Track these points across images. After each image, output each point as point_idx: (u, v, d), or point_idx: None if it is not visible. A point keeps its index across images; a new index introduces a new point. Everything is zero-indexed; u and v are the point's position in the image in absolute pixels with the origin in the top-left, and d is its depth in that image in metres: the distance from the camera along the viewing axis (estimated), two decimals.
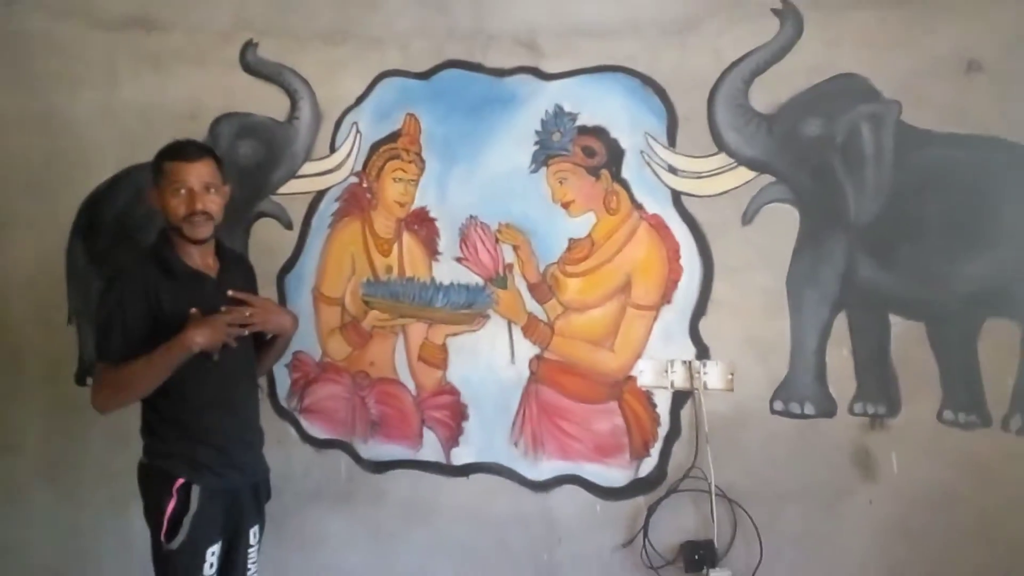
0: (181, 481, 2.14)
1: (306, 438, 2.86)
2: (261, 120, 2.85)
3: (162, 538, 2.12)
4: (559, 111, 2.67)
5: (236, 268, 2.34)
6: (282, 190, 2.84)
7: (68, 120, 2.99)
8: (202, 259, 2.23)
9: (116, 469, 2.93)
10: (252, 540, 2.32)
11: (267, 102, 2.84)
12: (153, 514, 2.16)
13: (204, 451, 2.18)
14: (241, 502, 2.27)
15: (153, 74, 2.92)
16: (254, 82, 2.85)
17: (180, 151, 2.18)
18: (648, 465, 2.66)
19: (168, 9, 2.90)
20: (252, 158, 2.85)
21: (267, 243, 2.85)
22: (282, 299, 2.84)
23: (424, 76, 2.77)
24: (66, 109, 2.99)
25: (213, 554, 2.18)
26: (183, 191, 2.12)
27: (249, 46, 2.84)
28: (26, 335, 3.06)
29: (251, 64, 2.84)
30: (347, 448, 2.86)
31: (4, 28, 3.01)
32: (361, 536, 2.82)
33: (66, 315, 3.02)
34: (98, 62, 2.95)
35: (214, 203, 2.15)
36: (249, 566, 2.32)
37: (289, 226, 2.85)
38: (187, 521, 2.13)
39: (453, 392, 2.78)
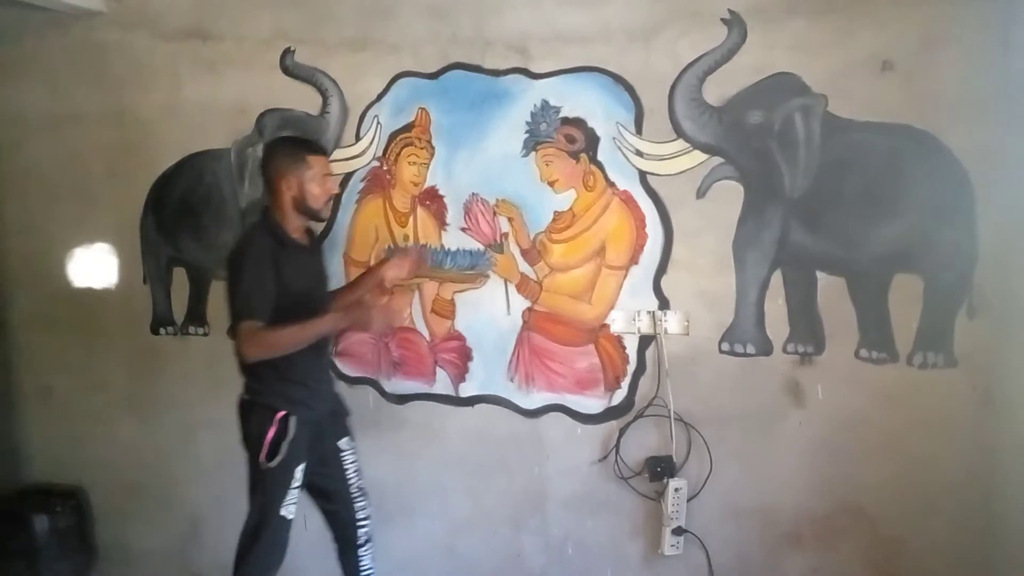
0: (282, 413, 2.30)
1: (340, 376, 2.98)
2: (298, 114, 2.92)
3: (261, 459, 2.28)
4: (545, 105, 2.73)
5: (315, 240, 2.59)
6: None
7: (139, 116, 3.09)
8: (299, 233, 2.43)
9: (185, 402, 3.15)
10: (344, 447, 2.55)
11: (303, 99, 2.91)
12: (254, 440, 2.31)
13: (297, 389, 2.36)
14: (322, 426, 2.46)
15: (209, 76, 2.99)
16: (292, 82, 2.92)
17: (316, 146, 2.42)
18: (619, 396, 2.78)
19: (220, 22, 2.97)
20: None
21: None
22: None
23: (433, 76, 2.82)
24: (137, 107, 3.09)
25: (300, 470, 2.36)
26: (328, 179, 2.38)
27: (287, 52, 2.91)
28: (110, 294, 3.22)
29: (289, 67, 2.92)
30: (374, 384, 2.99)
31: (86, 39, 3.11)
32: (387, 455, 2.96)
33: (141, 277, 3.18)
34: (163, 67, 3.04)
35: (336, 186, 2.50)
36: (346, 466, 2.55)
37: None
38: (284, 446, 2.30)
39: (460, 338, 2.90)
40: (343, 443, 2.55)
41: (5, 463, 3.38)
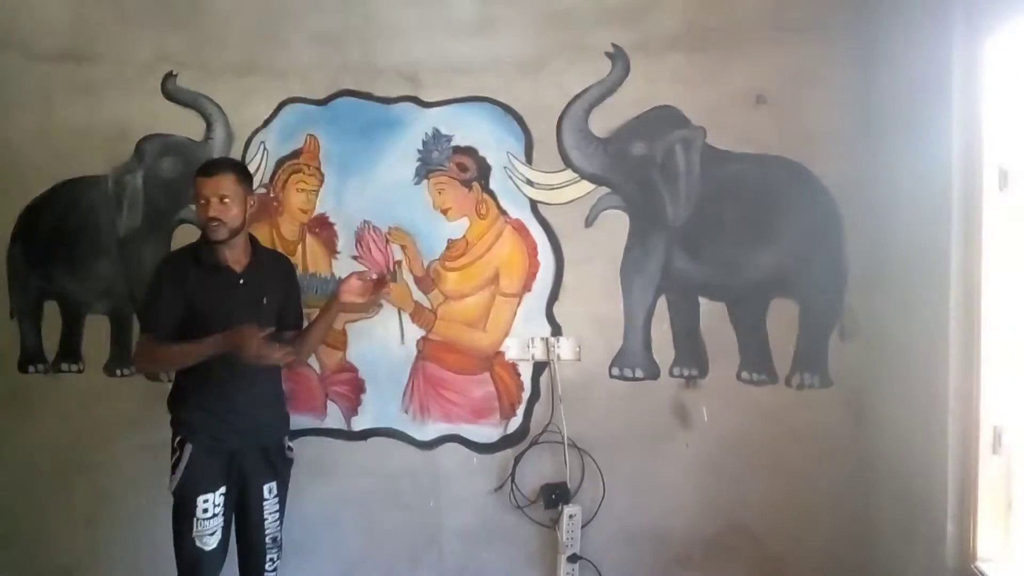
0: (179, 438, 2.39)
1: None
2: (180, 140, 2.90)
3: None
4: (437, 133, 2.82)
5: (268, 266, 2.52)
6: None
7: (6, 140, 2.98)
8: (232, 256, 2.42)
9: (57, 444, 3.04)
10: (267, 494, 2.49)
11: (186, 124, 2.89)
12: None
13: (198, 415, 2.40)
14: (243, 462, 2.43)
15: (85, 100, 2.92)
16: (174, 107, 2.89)
17: (202, 168, 2.41)
18: (514, 423, 2.87)
19: (97, 44, 2.92)
20: (173, 172, 2.91)
21: None
22: None
23: (322, 102, 2.86)
24: (5, 130, 2.98)
25: (206, 501, 2.36)
26: (202, 201, 2.35)
27: (169, 76, 2.89)
28: None
29: (171, 92, 2.90)
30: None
31: None
32: None
33: (8, 311, 3.05)
34: (34, 89, 2.95)
35: (226, 212, 2.33)
36: (266, 516, 2.49)
37: None
38: (180, 471, 2.37)
39: (352, 369, 2.91)
40: (266, 489, 2.50)
41: None
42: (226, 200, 2.33)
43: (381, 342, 2.91)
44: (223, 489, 2.41)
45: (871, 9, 2.58)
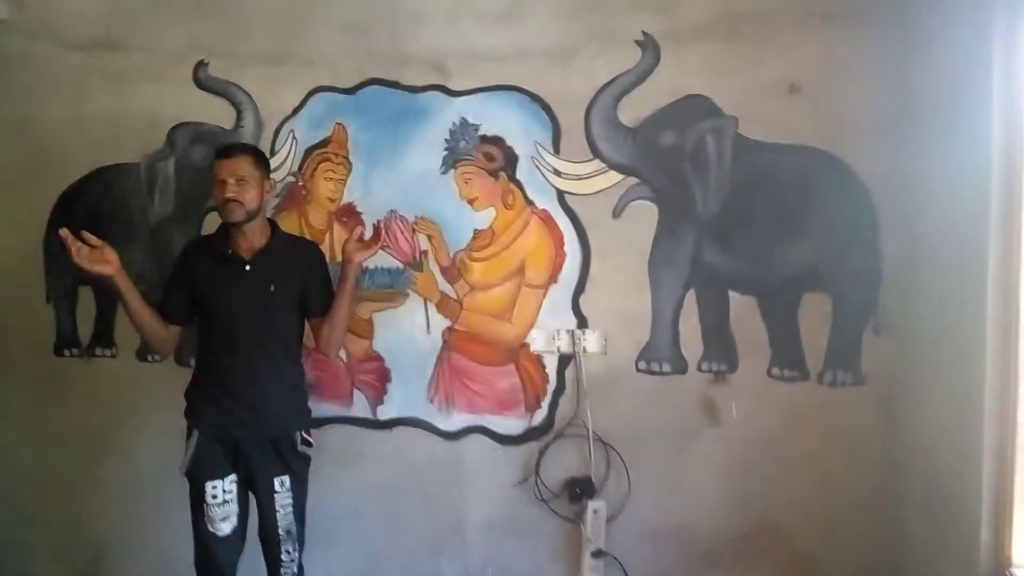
0: (188, 424, 2.47)
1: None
2: (211, 128, 2.94)
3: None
4: (464, 123, 2.82)
5: (284, 253, 2.48)
6: None
7: (43, 127, 3.05)
8: (246, 243, 2.44)
9: (91, 427, 3.12)
10: (278, 487, 2.45)
11: (216, 113, 2.94)
12: None
13: (204, 402, 2.46)
14: (249, 452, 2.44)
15: (118, 88, 2.99)
16: (205, 96, 2.94)
17: (221, 150, 2.44)
18: (539, 416, 2.87)
19: (130, 33, 2.97)
20: (204, 160, 2.92)
21: None
22: None
23: (350, 91, 2.88)
24: (41, 118, 3.05)
25: (215, 487, 2.41)
26: (219, 182, 2.38)
27: (201, 65, 2.94)
28: (10, 315, 3.16)
29: (202, 80, 2.95)
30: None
31: None
32: None
33: (44, 296, 3.12)
34: (69, 78, 3.02)
35: (243, 193, 2.36)
36: (277, 508, 2.45)
37: None
38: (188, 456, 2.44)
39: (379, 359, 2.94)
40: (278, 482, 2.47)
41: None
42: (243, 181, 2.36)
43: (407, 332, 2.93)
44: (233, 477, 2.45)
45: None
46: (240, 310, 2.43)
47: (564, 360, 2.86)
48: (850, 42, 2.61)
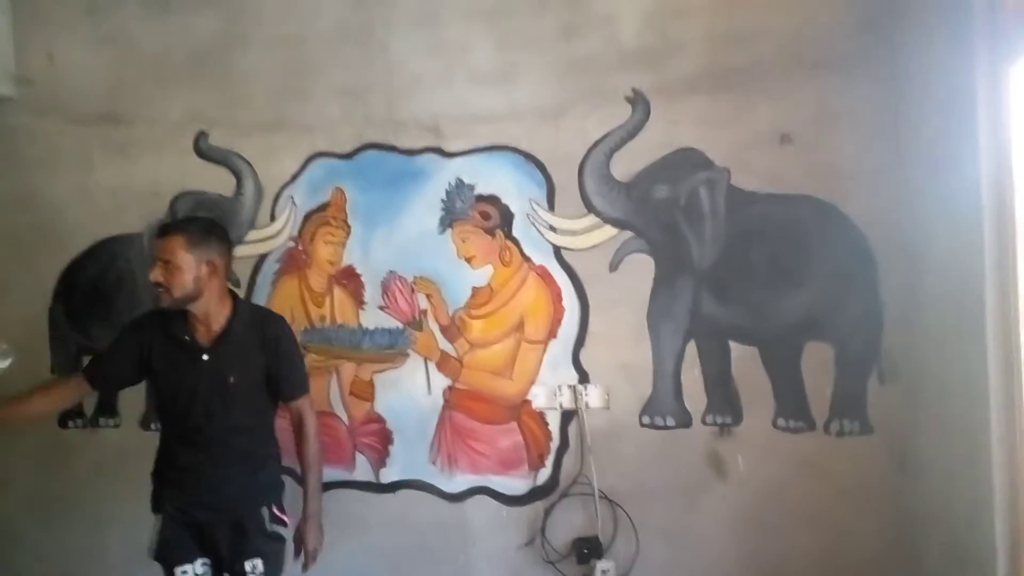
0: (152, 507, 2.38)
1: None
2: (212, 196, 3.02)
3: None
4: (460, 183, 2.88)
5: (243, 337, 2.29)
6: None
7: (49, 200, 3.15)
8: (203, 327, 2.28)
9: (94, 498, 3.13)
10: (249, 570, 2.30)
11: (217, 181, 3.02)
12: None
13: (169, 490, 2.35)
14: (216, 536, 2.32)
15: (121, 160, 3.09)
16: (206, 164, 3.03)
17: (158, 228, 2.30)
18: (543, 475, 2.85)
19: (132, 106, 3.08)
20: None
21: None
22: None
23: (348, 156, 2.95)
24: (47, 191, 3.15)
25: (184, 572, 2.30)
26: (152, 262, 2.25)
27: (201, 135, 3.03)
28: (16, 386, 3.20)
29: (203, 150, 3.04)
30: (291, 473, 2.96)
31: None
32: None
33: (49, 367, 3.18)
34: (74, 151, 3.12)
35: (169, 278, 2.18)
36: None
37: (237, 284, 2.99)
38: (154, 539, 2.34)
39: (380, 421, 2.95)
40: (249, 566, 2.31)
41: None
42: (170, 265, 2.18)
43: (408, 392, 2.94)
44: (204, 560, 2.33)
45: (895, 43, 2.56)
46: (197, 402, 2.28)
47: (567, 416, 2.85)
48: (840, 90, 2.63)
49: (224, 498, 2.33)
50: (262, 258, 3.04)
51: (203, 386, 2.28)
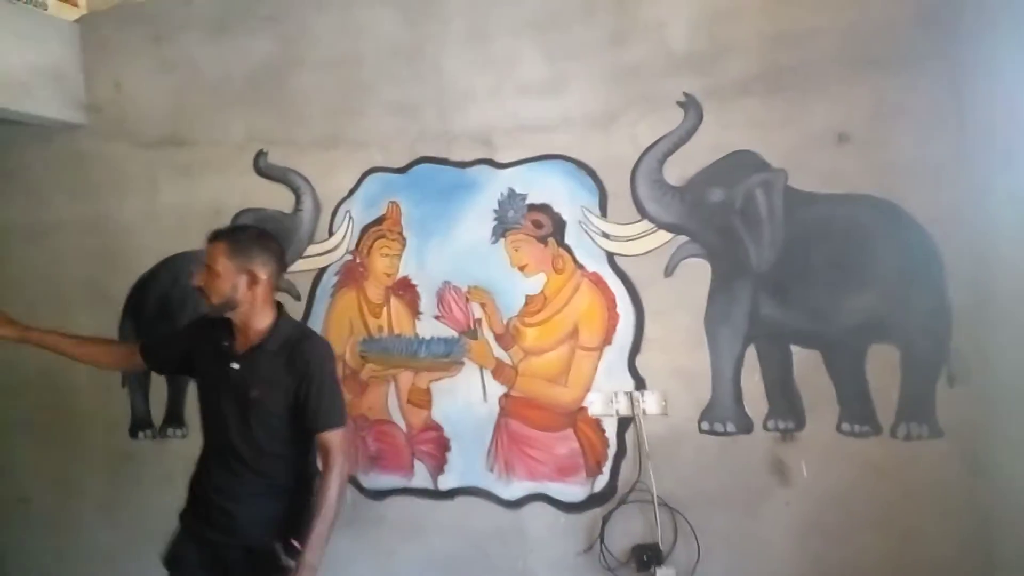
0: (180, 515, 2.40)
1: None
2: (272, 213, 3.11)
3: None
4: (512, 193, 2.90)
5: (279, 355, 2.24)
6: (291, 268, 3.05)
7: (118, 221, 3.30)
8: (242, 336, 2.27)
9: (163, 507, 3.20)
10: None
11: (276, 198, 3.11)
12: None
13: (191, 502, 2.39)
14: (227, 559, 2.27)
15: (185, 181, 3.22)
16: (265, 182, 3.13)
17: (210, 236, 2.31)
18: (601, 481, 2.84)
19: (194, 128, 3.21)
20: None
21: None
22: None
23: (402, 170, 3.01)
24: (116, 213, 3.31)
25: None
26: (198, 269, 2.30)
27: (260, 154, 3.13)
28: (89, 400, 3.36)
29: (262, 168, 3.14)
30: (352, 480, 3.05)
31: (67, 150, 3.37)
32: (365, 553, 3.02)
33: (120, 381, 3.32)
34: (141, 174, 3.27)
35: (209, 282, 2.21)
36: None
37: (298, 298, 3.11)
38: (167, 548, 2.37)
39: (437, 428, 2.99)
40: None
41: None
42: (211, 271, 2.20)
43: (464, 400, 2.97)
44: None
45: (955, 34, 2.50)
46: (222, 410, 2.27)
47: (623, 423, 2.84)
48: (899, 86, 2.58)
49: (236, 525, 2.26)
50: (321, 271, 3.11)
51: (227, 396, 2.26)
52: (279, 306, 2.35)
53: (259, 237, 2.31)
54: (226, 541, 2.26)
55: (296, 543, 2.19)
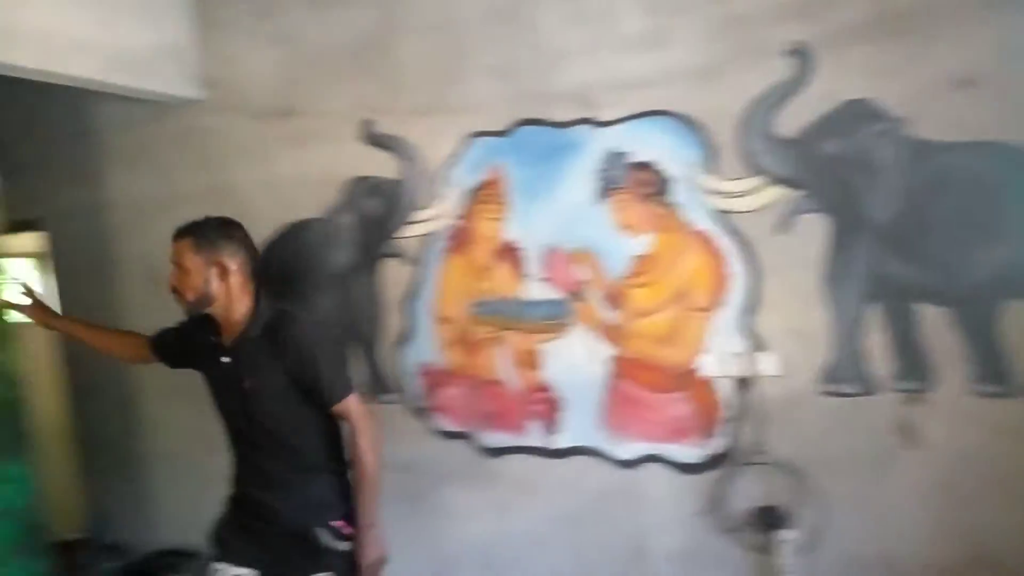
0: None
1: (437, 431, 3.23)
2: (381, 180, 3.19)
3: None
4: (614, 152, 2.86)
5: (261, 341, 2.22)
6: (400, 234, 3.19)
7: (235, 190, 3.45)
8: (227, 329, 2.28)
9: None
10: None
11: (385, 165, 3.18)
12: None
13: (233, 486, 2.42)
14: (274, 545, 2.27)
15: (298, 151, 3.33)
16: (373, 151, 3.20)
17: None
18: (717, 443, 2.81)
19: (305, 100, 3.30)
20: (376, 211, 3.21)
21: (392, 278, 3.24)
22: (408, 321, 3.23)
23: (504, 133, 3.00)
24: (235, 182, 3.46)
25: (218, 569, 2.32)
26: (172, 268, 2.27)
27: (367, 123, 3.20)
28: None
29: (370, 137, 3.21)
30: (469, 438, 3.18)
31: (188, 125, 3.54)
32: (482, 509, 3.13)
33: None
34: (256, 146, 3.41)
35: (180, 280, 2.22)
36: None
37: (410, 264, 3.20)
38: (212, 528, 2.42)
39: (548, 389, 3.02)
40: None
41: (138, 527, 3.82)
42: (181, 268, 2.21)
43: (573, 361, 2.98)
44: (250, 572, 2.30)
45: None
46: (227, 403, 2.31)
47: (739, 384, 2.79)
48: None
49: (274, 514, 2.28)
50: (429, 236, 3.17)
51: (226, 389, 2.29)
52: (256, 292, 2.32)
53: (221, 227, 2.28)
54: (270, 528, 2.29)
55: (341, 526, 2.25)
